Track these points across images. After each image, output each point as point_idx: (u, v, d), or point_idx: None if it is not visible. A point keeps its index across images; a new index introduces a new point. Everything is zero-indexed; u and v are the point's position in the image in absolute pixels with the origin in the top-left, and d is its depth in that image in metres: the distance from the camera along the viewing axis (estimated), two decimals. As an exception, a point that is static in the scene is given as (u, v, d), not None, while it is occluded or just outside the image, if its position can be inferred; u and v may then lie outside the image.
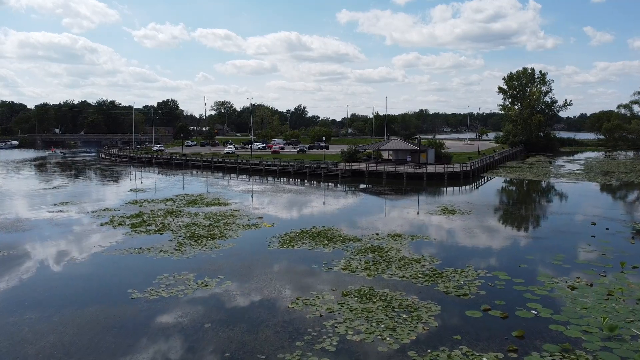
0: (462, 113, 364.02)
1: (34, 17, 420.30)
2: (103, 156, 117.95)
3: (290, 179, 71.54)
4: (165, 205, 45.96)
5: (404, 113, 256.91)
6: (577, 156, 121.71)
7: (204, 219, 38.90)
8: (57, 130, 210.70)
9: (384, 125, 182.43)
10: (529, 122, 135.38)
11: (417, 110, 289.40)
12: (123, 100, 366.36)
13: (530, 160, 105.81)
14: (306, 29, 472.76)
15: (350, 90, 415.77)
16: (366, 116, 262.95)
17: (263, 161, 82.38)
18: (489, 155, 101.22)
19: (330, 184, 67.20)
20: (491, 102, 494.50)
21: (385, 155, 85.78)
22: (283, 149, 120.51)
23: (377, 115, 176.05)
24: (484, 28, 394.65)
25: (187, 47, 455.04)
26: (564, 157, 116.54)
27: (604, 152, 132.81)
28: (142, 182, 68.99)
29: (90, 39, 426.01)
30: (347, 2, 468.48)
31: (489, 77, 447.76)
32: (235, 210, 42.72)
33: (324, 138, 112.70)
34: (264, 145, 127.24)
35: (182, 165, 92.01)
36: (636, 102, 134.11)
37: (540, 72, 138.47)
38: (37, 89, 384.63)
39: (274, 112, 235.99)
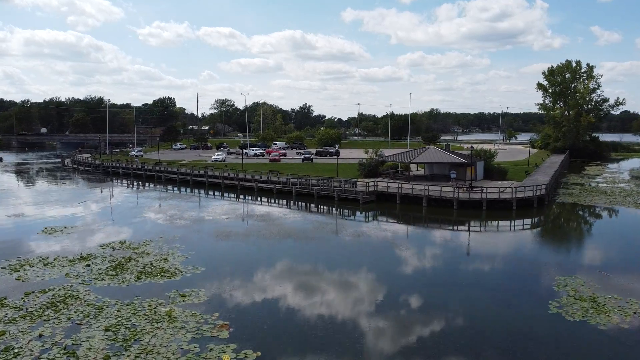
0: (472, 113, 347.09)
1: (39, 15, 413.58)
2: (68, 163, 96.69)
3: (292, 203, 51.58)
4: (68, 271, 26.00)
5: (414, 113, 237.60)
6: (631, 163, 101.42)
7: (106, 331, 18.91)
8: (43, 130, 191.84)
9: (399, 126, 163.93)
10: (576, 125, 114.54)
11: (427, 110, 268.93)
12: (129, 98, 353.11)
13: (591, 172, 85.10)
14: (311, 28, 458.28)
15: (356, 90, 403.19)
16: (374, 115, 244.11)
17: (256, 175, 62.31)
18: (542, 166, 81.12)
19: (347, 213, 47.25)
20: (497, 101, 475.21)
21: (414, 168, 65.51)
22: (285, 154, 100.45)
23: (392, 116, 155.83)
24: (490, 27, 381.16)
25: (191, 46, 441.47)
26: (624, 166, 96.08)
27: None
28: (72, 211, 48.37)
29: (96, 37, 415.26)
30: (352, 1, 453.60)
31: (494, 76, 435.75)
32: (181, 300, 22.63)
33: (336, 146, 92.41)
34: (262, 150, 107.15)
35: (155, 179, 72.02)
36: None
37: (588, 64, 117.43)
38: (43, 87, 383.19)
39: (276, 111, 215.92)
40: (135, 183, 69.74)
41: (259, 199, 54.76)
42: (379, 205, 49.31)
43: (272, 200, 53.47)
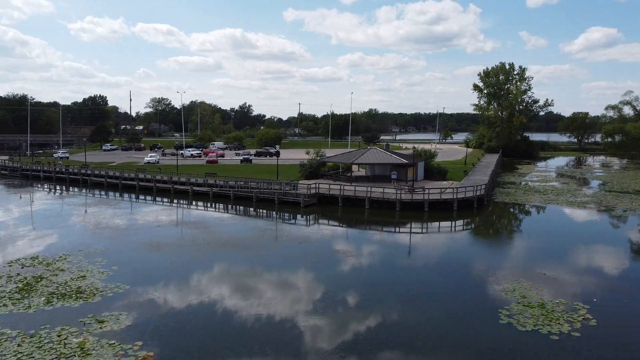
0: (409, 113, 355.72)
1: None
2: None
3: (230, 207, 48.99)
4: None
5: (354, 113, 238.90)
6: (557, 161, 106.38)
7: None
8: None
9: (339, 126, 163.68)
10: (509, 125, 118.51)
11: (366, 110, 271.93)
12: (58, 96, 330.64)
13: (523, 171, 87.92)
14: (252, 27, 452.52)
15: (296, 89, 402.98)
16: (314, 115, 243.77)
17: (191, 178, 59.01)
18: (478, 166, 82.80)
19: (287, 217, 45.35)
20: (432, 102, 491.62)
21: (355, 168, 64.45)
22: (223, 155, 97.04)
23: (333, 116, 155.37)
24: (427, 30, 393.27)
25: (127, 42, 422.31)
26: (551, 164, 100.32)
27: (579, 157, 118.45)
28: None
29: (22, 31, 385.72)
30: (293, 1, 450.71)
31: (430, 78, 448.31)
32: (98, 327, 19.81)
33: (276, 146, 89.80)
34: (199, 151, 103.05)
35: (80, 182, 66.79)
36: (627, 102, 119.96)
37: (520, 67, 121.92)
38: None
39: (215, 110, 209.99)
40: (58, 188, 64.33)
41: (194, 203, 51.71)
42: (321, 208, 47.74)
43: (209, 205, 50.61)
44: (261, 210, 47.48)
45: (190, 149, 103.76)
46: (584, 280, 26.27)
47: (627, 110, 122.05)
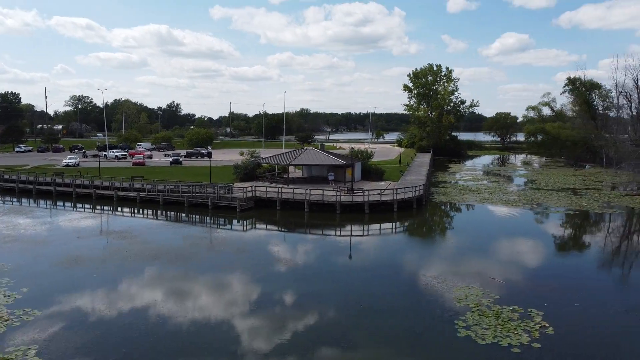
0: (340, 113, 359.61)
1: None
2: None
3: (159, 214, 45.61)
4: None
5: (286, 112, 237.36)
6: (483, 160, 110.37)
7: None
8: None
9: (272, 126, 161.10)
10: (438, 125, 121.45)
11: (298, 110, 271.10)
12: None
13: (454, 169, 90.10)
14: (178, 23, 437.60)
15: (226, 88, 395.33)
16: (246, 115, 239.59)
17: (116, 182, 54.60)
18: (412, 165, 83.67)
19: (223, 222, 42.81)
20: (362, 102, 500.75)
21: (291, 169, 62.52)
22: (150, 157, 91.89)
23: (265, 115, 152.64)
24: (355, 31, 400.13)
25: (42, 36, 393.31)
26: (477, 162, 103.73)
27: (501, 156, 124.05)
28: None
29: None
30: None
31: (359, 78, 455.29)
32: None
33: (209, 147, 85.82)
34: (125, 152, 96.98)
35: (-13, 188, 60.11)
36: (546, 103, 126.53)
37: (447, 68, 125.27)
38: None
39: (141, 109, 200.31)
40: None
41: (119, 210, 47.71)
42: (258, 212, 45.49)
43: (136, 211, 46.87)
44: (194, 216, 44.53)
45: (114, 150, 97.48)
46: (531, 282, 26.01)
47: (546, 111, 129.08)
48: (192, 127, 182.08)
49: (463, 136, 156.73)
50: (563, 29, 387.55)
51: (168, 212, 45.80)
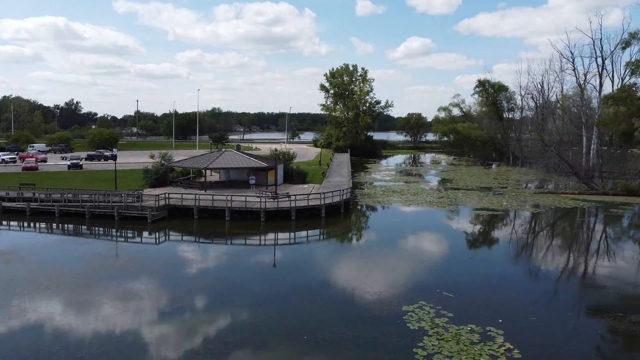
0: (252, 112, 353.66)
1: None
2: None
3: (55, 228, 39.55)
4: None
5: (197, 111, 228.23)
6: (396, 159, 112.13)
7: None
8: None
9: (183, 125, 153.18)
10: (355, 125, 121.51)
11: (209, 109, 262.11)
12: None
13: (371, 169, 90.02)
14: (77, 16, 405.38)
15: (132, 86, 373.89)
16: (153, 114, 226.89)
17: (1, 191, 46.97)
18: (332, 165, 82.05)
19: (131, 235, 37.99)
20: (273, 102, 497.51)
21: (208, 173, 57.88)
22: (45, 160, 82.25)
23: (176, 114, 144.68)
24: (266, 31, 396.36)
25: None
26: (391, 162, 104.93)
27: (414, 155, 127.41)
28: None
29: None
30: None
31: (270, 78, 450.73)
32: None
33: (114, 149, 77.87)
34: (14, 156, 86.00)
35: None
36: (456, 104, 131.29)
37: (363, 69, 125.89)
38: None
39: (35, 107, 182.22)
40: None
41: (4, 224, 40.82)
42: (173, 222, 40.90)
43: (25, 225, 40.41)
44: (97, 229, 39.01)
45: (1, 153, 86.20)
46: (480, 295, 24.30)
47: (456, 112, 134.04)
48: (94, 126, 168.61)
49: (377, 136, 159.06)
50: (461, 34, 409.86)
51: (65, 226, 39.82)
